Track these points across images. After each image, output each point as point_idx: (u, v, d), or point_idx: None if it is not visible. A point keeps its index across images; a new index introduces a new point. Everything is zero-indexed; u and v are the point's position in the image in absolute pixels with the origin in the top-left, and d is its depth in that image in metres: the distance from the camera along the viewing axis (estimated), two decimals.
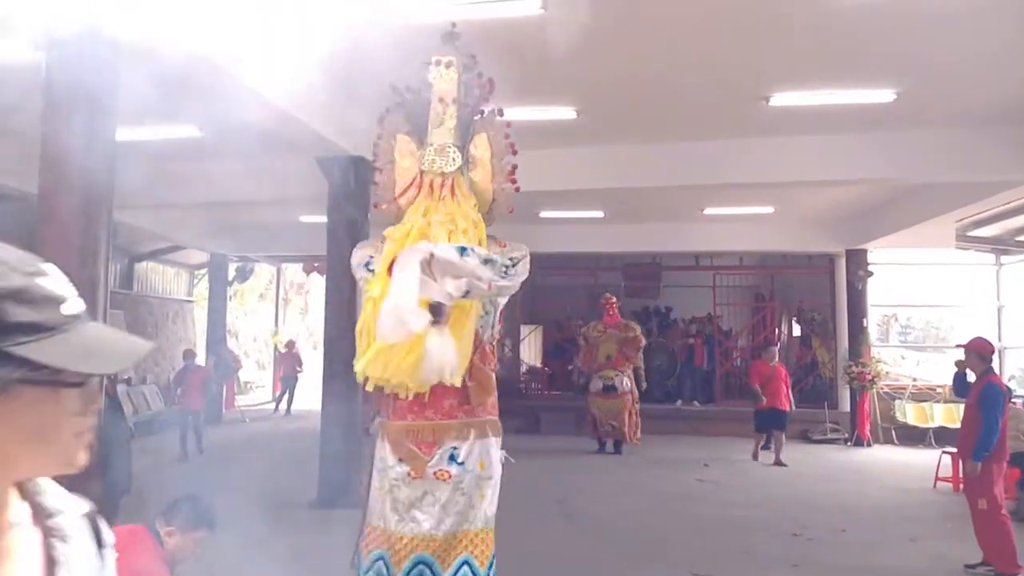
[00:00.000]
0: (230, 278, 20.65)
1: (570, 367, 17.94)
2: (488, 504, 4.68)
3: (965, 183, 11.58)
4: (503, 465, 4.81)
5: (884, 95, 9.10)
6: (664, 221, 16.80)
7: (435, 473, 4.57)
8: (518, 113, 9.82)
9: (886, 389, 16.70)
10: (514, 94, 9.25)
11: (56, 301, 1.19)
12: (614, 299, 14.86)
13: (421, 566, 4.53)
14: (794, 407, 14.68)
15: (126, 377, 15.83)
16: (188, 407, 14.33)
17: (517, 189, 4.99)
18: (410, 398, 4.47)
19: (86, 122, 5.68)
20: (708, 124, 10.34)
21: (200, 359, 16.88)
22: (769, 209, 15.34)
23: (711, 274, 19.48)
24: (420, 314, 3.97)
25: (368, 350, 4.33)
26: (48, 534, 1.24)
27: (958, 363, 7.49)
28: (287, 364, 21.31)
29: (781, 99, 9.27)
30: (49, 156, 5.69)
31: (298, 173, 11.04)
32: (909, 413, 16.31)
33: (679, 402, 18.30)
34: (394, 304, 4.02)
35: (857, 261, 16.97)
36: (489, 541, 4.69)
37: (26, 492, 1.25)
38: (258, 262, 22.39)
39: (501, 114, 5.06)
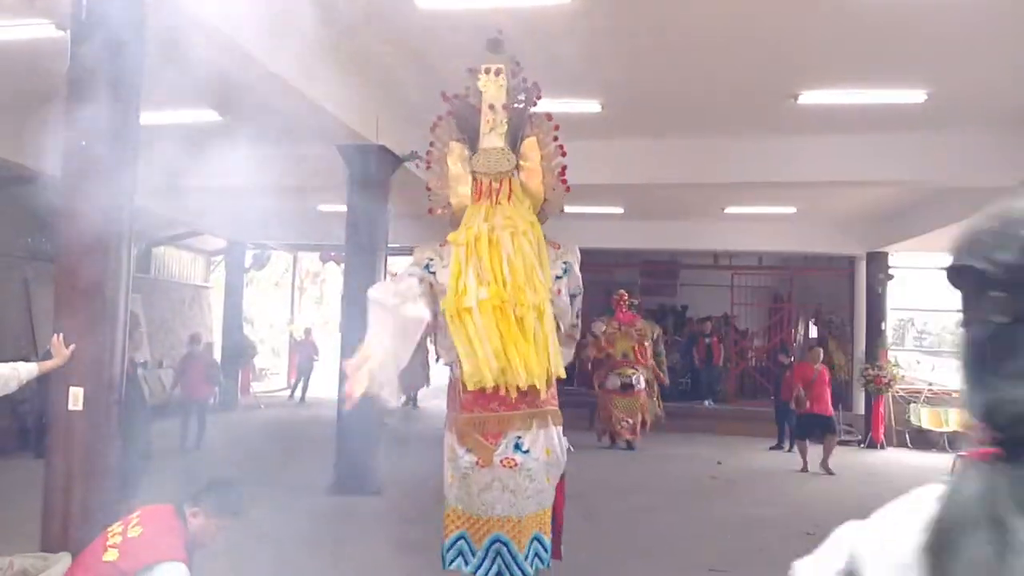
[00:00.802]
0: (247, 265, 20.66)
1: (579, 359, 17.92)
2: (552, 485, 5.02)
3: (992, 188, 11.43)
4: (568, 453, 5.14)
5: (915, 95, 9.02)
6: (684, 219, 16.73)
7: (502, 461, 4.87)
8: (543, 105, 9.82)
9: (901, 393, 16.61)
10: (540, 85, 9.26)
11: None
12: (627, 295, 14.76)
13: (498, 544, 4.87)
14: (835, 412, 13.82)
15: (143, 361, 15.86)
16: (190, 396, 13.61)
17: (567, 189, 5.27)
18: (495, 393, 4.77)
19: (110, 103, 5.65)
20: (735, 121, 10.27)
21: (208, 344, 16.65)
22: (791, 209, 15.24)
23: (729, 274, 19.39)
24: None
25: (483, 352, 4.70)
26: None
27: None
28: (303, 352, 21.35)
29: (810, 97, 9.20)
30: (72, 137, 5.68)
31: (318, 161, 11.03)
32: (924, 417, 16.22)
33: (707, 402, 18.12)
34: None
35: (878, 264, 16.86)
36: (549, 515, 5.04)
37: None
38: (275, 250, 22.40)
39: (550, 118, 5.34)
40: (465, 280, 4.83)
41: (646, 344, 14.26)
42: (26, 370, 4.66)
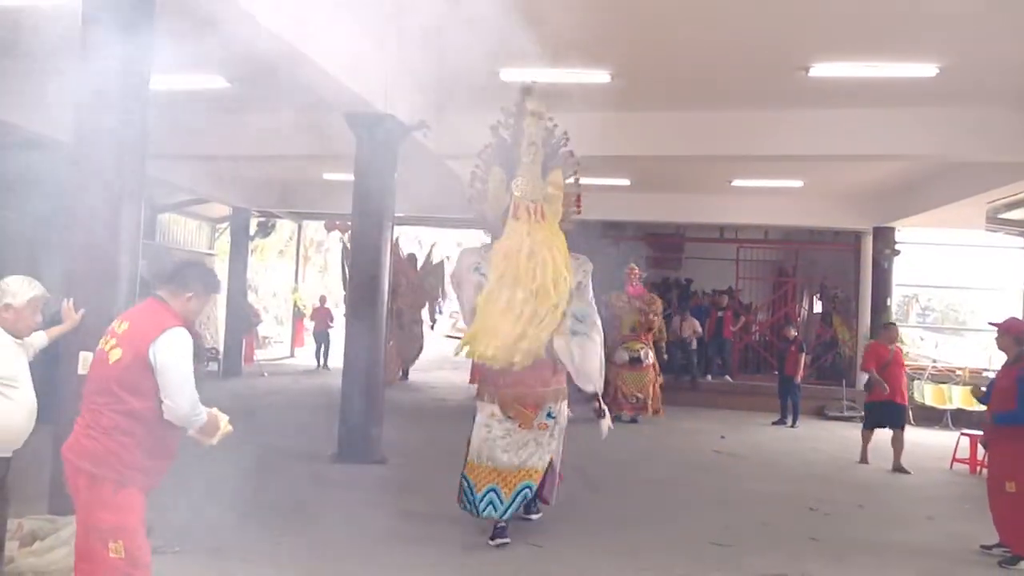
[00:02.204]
0: (251, 233, 20.63)
1: None
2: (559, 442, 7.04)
3: (1000, 164, 11.40)
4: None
5: (927, 70, 8.94)
6: (690, 192, 16.67)
7: (538, 425, 6.79)
8: (552, 75, 9.78)
9: (906, 369, 16.58)
10: (549, 55, 9.19)
11: None
12: (637, 269, 14.73)
13: (526, 490, 6.73)
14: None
15: None
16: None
17: (578, 213, 7.18)
18: (524, 368, 6.50)
19: (121, 69, 5.63)
20: (745, 93, 10.21)
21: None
22: (798, 183, 15.17)
23: (734, 247, 19.33)
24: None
25: (477, 332, 6.57)
26: None
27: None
28: (319, 319, 21.36)
29: (821, 70, 9.12)
30: (83, 103, 5.66)
31: (326, 129, 10.97)
32: (927, 394, 16.24)
33: (708, 376, 18.02)
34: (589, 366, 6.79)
35: (884, 239, 16.81)
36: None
37: None
38: (280, 218, 22.38)
39: (572, 155, 7.11)
40: (500, 289, 6.61)
41: (652, 318, 14.19)
42: (38, 338, 4.66)
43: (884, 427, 11.32)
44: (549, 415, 6.82)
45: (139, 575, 3.90)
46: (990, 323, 8.07)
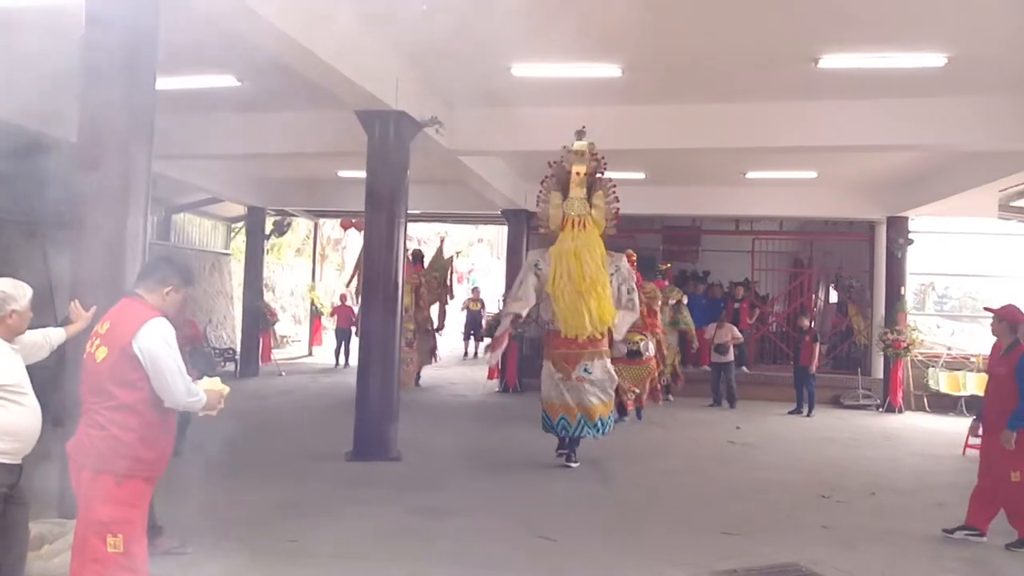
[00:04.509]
0: (267, 232, 20.72)
1: None
2: (612, 388, 9.77)
3: (1011, 152, 11.35)
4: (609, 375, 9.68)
5: (935, 59, 8.92)
6: (705, 184, 16.65)
7: (576, 378, 9.44)
8: (562, 70, 9.83)
9: (920, 357, 16.58)
10: (560, 49, 9.25)
11: None
12: (635, 256, 14.15)
13: (583, 419, 9.45)
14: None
15: None
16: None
17: (617, 225, 9.87)
18: (575, 340, 9.33)
19: (126, 68, 5.67)
20: (756, 85, 10.21)
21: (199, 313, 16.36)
22: (812, 174, 15.15)
23: (750, 239, 19.30)
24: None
25: (573, 316, 9.25)
26: None
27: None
28: (342, 316, 21.41)
29: (830, 61, 9.11)
30: (89, 103, 5.71)
31: (338, 127, 11.05)
32: (942, 381, 16.22)
33: (743, 367, 17.59)
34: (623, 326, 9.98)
35: (898, 228, 16.73)
36: (611, 406, 9.83)
37: None
38: (295, 216, 22.46)
39: (610, 181, 9.77)
40: (559, 277, 9.22)
41: (655, 308, 13.73)
42: (56, 335, 4.73)
43: None
44: (585, 370, 9.43)
45: (137, 570, 3.95)
46: (986, 308, 8.08)
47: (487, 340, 17.63)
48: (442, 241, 18.60)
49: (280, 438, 11.30)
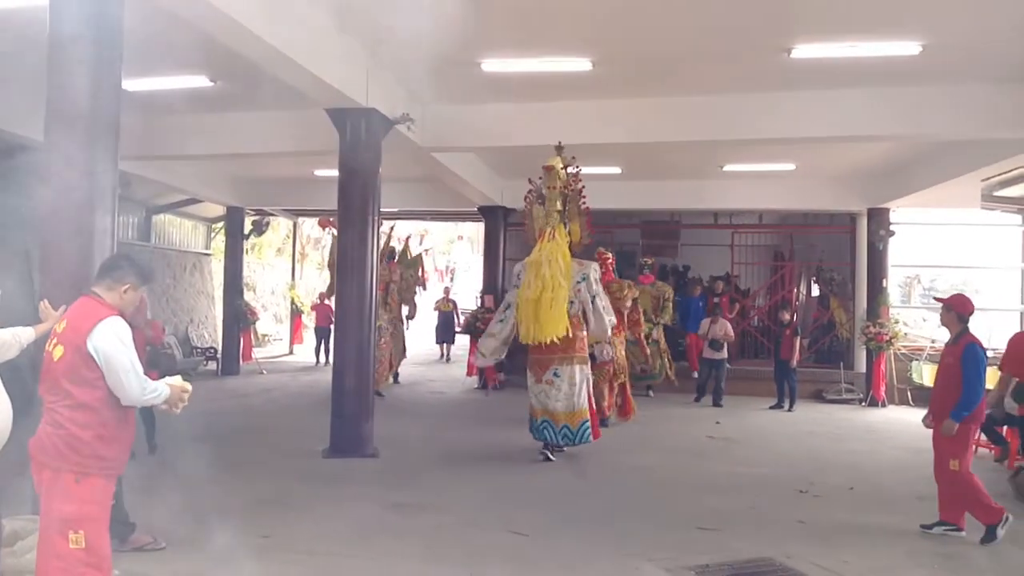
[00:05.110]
0: (246, 231, 20.63)
1: None
2: (579, 397, 9.75)
3: (991, 141, 11.33)
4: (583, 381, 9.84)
5: (909, 47, 8.85)
6: (683, 178, 16.61)
7: (546, 381, 9.75)
8: (532, 64, 9.76)
9: (903, 350, 16.56)
10: (529, 44, 9.19)
11: None
12: (609, 254, 13.90)
13: (565, 427, 9.73)
14: None
15: None
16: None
17: (592, 234, 10.27)
18: (543, 345, 9.36)
19: (91, 67, 5.61)
20: (727, 77, 10.15)
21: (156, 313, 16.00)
22: (791, 166, 15.10)
23: (729, 233, 19.27)
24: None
25: (527, 323, 9.44)
26: None
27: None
28: (320, 315, 21.34)
29: (803, 51, 9.05)
30: (53, 102, 5.64)
31: (312, 126, 10.95)
32: (925, 374, 16.16)
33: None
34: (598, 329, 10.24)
35: (879, 220, 16.68)
36: (583, 415, 9.81)
37: None
38: (274, 216, 22.37)
39: (582, 192, 10.01)
40: (524, 287, 9.57)
41: (622, 309, 12.56)
42: (25, 334, 4.71)
43: None
44: (555, 374, 9.70)
45: (100, 566, 3.97)
46: (935, 298, 8.11)
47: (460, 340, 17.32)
48: (407, 240, 18.44)
49: (258, 436, 11.24)
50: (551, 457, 9.83)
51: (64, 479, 3.93)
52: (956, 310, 7.11)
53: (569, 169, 9.84)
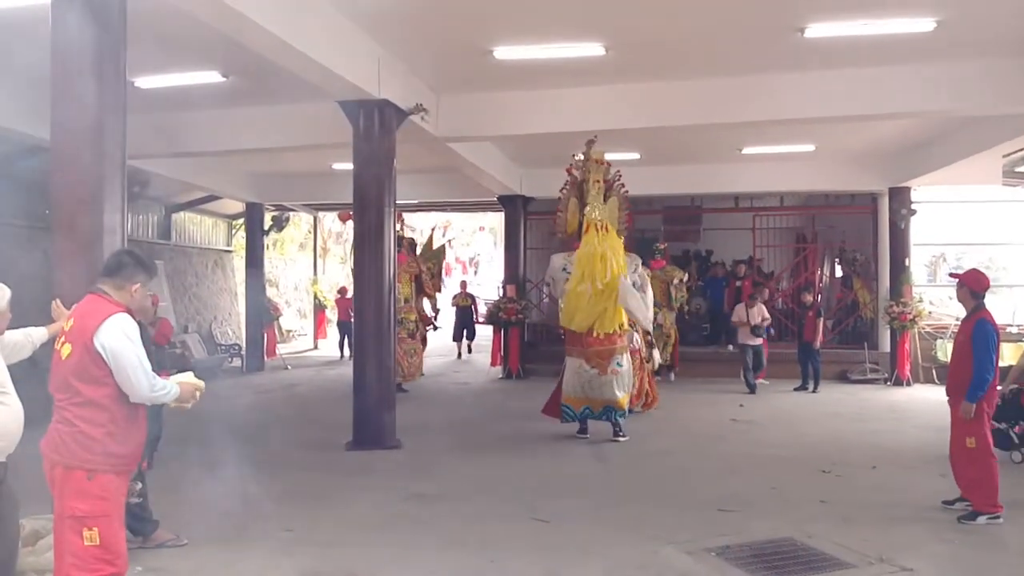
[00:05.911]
0: (266, 227, 20.72)
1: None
2: (634, 380, 10.61)
3: (1011, 116, 11.17)
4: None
5: (924, 24, 8.73)
6: (702, 162, 16.48)
7: (611, 370, 10.04)
8: (543, 51, 9.72)
9: (927, 329, 16.42)
10: (540, 30, 9.15)
11: None
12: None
13: (611, 411, 10.20)
14: None
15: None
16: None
17: (629, 225, 11.23)
18: (600, 336, 10.01)
19: (95, 65, 5.64)
20: (742, 58, 10.05)
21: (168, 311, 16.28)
22: (810, 147, 15.00)
23: (751, 216, 19.13)
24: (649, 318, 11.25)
25: (571, 311, 10.13)
26: None
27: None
28: (343, 309, 21.39)
29: (816, 30, 8.94)
30: (60, 101, 5.68)
31: (326, 118, 10.97)
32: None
33: (731, 347, 17.49)
34: (643, 309, 10.62)
35: (900, 199, 16.52)
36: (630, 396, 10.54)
37: None
38: (294, 211, 22.48)
39: (624, 186, 10.88)
40: (583, 278, 9.90)
41: None
42: (38, 334, 4.74)
43: None
44: (618, 364, 10.11)
45: (115, 563, 3.97)
46: (950, 275, 8.01)
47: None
48: (432, 232, 18.46)
49: (282, 430, 11.30)
50: (585, 434, 10.48)
51: (76, 476, 3.93)
52: (969, 286, 7.03)
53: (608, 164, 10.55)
